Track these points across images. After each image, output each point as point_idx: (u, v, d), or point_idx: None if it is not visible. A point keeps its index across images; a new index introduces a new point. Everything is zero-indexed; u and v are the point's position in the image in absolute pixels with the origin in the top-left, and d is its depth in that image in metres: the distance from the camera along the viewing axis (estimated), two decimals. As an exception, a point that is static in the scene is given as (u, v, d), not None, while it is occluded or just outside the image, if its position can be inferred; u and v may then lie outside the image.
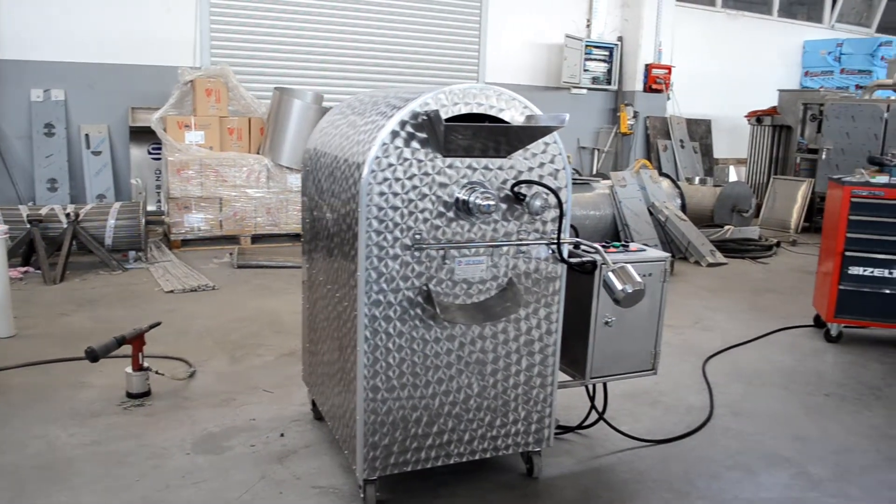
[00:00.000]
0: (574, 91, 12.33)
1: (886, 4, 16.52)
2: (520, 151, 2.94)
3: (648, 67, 12.50)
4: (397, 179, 2.78)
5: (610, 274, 2.99)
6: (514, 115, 2.93)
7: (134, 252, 7.49)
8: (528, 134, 2.86)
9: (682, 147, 12.75)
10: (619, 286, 2.95)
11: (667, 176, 9.45)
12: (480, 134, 2.79)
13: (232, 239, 8.49)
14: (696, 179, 11.10)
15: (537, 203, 2.91)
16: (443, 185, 2.86)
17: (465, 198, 2.86)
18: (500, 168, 2.94)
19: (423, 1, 10.95)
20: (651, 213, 8.47)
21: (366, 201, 2.74)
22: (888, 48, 14.06)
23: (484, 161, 2.91)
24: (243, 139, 8.80)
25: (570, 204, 3.10)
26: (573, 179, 8.42)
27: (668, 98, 12.82)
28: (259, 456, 3.58)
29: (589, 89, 12.36)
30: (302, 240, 3.85)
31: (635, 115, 12.42)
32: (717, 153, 13.58)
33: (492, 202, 2.82)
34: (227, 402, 4.19)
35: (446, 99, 2.82)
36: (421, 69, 11.01)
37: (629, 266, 3.00)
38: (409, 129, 2.77)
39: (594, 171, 12.13)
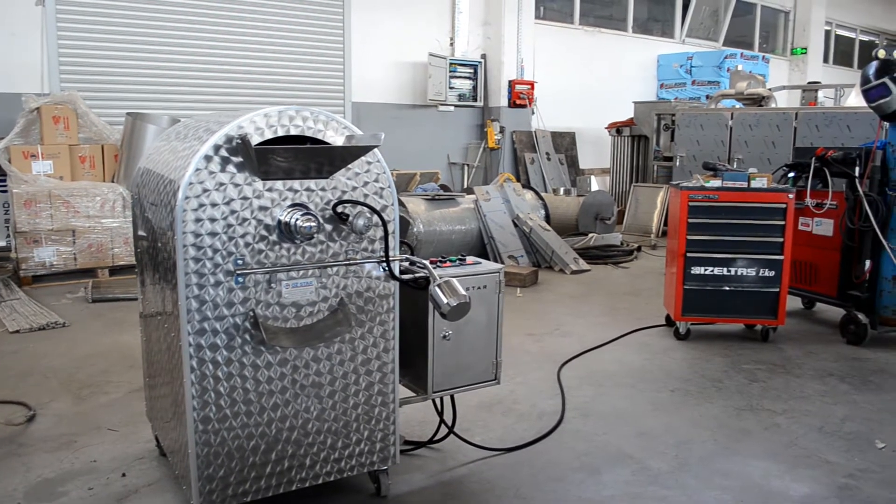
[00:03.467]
0: (441, 108, 12.52)
1: (731, 20, 17.65)
2: (342, 171, 2.95)
3: (512, 83, 12.85)
4: (214, 204, 2.73)
5: (435, 288, 3.04)
6: (334, 135, 2.94)
7: (-23, 292, 7.04)
8: (347, 153, 2.88)
9: (549, 159, 13.15)
10: (443, 300, 3.00)
11: (530, 188, 9.72)
12: (299, 156, 2.78)
13: (89, 272, 8.10)
14: (561, 190, 11.47)
15: (361, 222, 2.92)
16: (263, 209, 2.83)
17: (287, 220, 2.84)
18: (323, 189, 2.94)
19: (284, 22, 10.87)
20: (516, 225, 8.68)
21: (181, 228, 2.68)
22: (733, 60, 15.02)
23: (306, 182, 2.91)
24: (96, 167, 8.45)
25: (398, 221, 3.13)
26: (439, 195, 8.56)
27: (533, 112, 13.22)
28: (97, 499, 3.42)
29: (456, 106, 12.59)
30: (136, 270, 3.72)
31: (502, 130, 12.73)
32: (583, 164, 14.08)
33: (313, 223, 2.82)
34: (67, 445, 3.99)
35: (262, 122, 2.80)
36: (284, 91, 10.91)
37: (454, 280, 3.05)
38: (223, 153, 2.73)
39: (465, 186, 12.33)
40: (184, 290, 2.73)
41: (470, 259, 3.62)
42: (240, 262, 2.81)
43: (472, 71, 12.50)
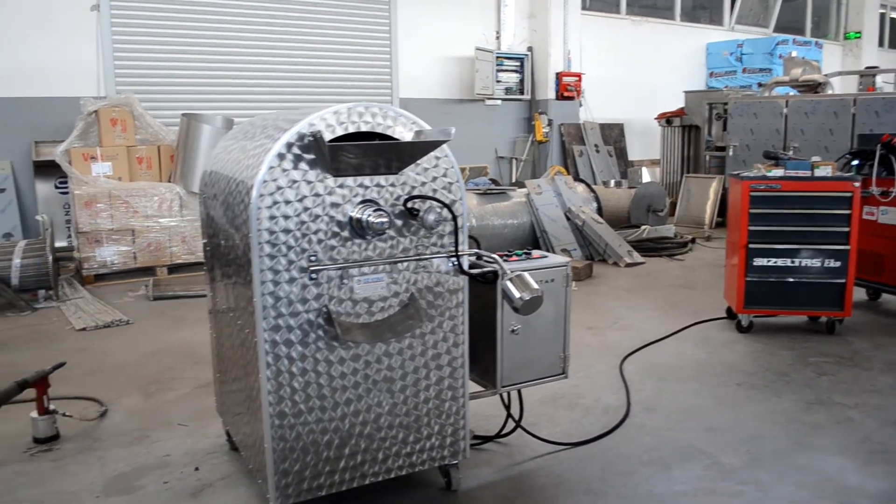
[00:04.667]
0: (488, 102, 12.48)
1: (781, 5, 17.26)
2: (411, 167, 2.96)
3: (559, 76, 12.75)
4: (287, 202, 2.76)
5: (507, 283, 3.02)
6: (403, 131, 2.94)
7: (43, 291, 7.23)
8: (416, 149, 2.88)
9: (597, 151, 13.03)
10: (516, 294, 2.98)
11: (582, 181, 9.63)
12: (369, 152, 2.79)
13: (148, 270, 8.27)
14: (612, 182, 11.35)
15: (431, 217, 2.92)
16: (335, 205, 2.85)
17: (359, 216, 2.85)
18: (392, 185, 2.95)
19: (333, 21, 10.93)
20: (568, 218, 8.61)
21: (256, 225, 2.71)
22: (785, 46, 14.69)
23: (376, 178, 2.92)
24: (153, 168, 8.61)
25: (466, 215, 3.13)
26: (490, 189, 8.53)
27: (581, 104, 13.10)
28: (173, 492, 3.49)
29: (503, 100, 12.54)
30: (205, 268, 3.78)
31: (550, 123, 12.64)
32: (632, 155, 13.92)
33: (384, 219, 2.83)
34: (139, 440, 4.07)
35: (333, 119, 2.82)
36: (334, 89, 10.98)
37: (526, 274, 3.03)
38: (296, 150, 2.75)
39: (513, 180, 12.28)
40: (259, 286, 2.76)
41: (536, 253, 3.60)
42: (313, 258, 2.83)
43: (518, 64, 12.43)
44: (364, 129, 2.85)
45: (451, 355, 3.21)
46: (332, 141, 2.77)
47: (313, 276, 2.84)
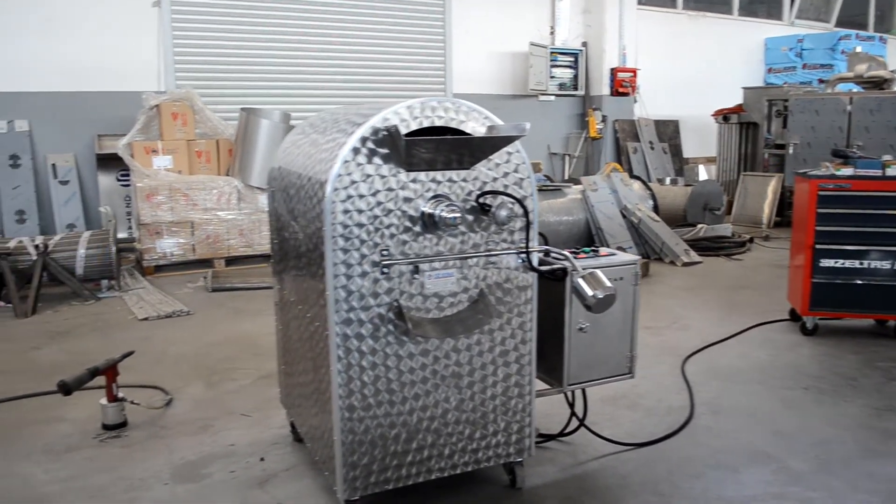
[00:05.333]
0: (542, 98, 12.39)
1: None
2: (483, 162, 2.94)
3: (614, 71, 12.60)
4: (361, 196, 2.76)
5: (579, 280, 2.99)
6: (475, 126, 2.93)
7: (106, 281, 7.40)
8: (489, 144, 2.86)
9: (652, 148, 12.85)
10: (589, 292, 2.95)
11: (637, 178, 9.51)
12: (442, 147, 2.78)
13: (206, 262, 8.41)
14: (667, 180, 11.19)
15: (503, 213, 2.91)
16: (408, 200, 2.85)
17: (431, 211, 2.85)
18: (464, 180, 2.94)
19: (387, 16, 10.96)
20: (624, 216, 8.52)
21: (330, 219, 2.72)
22: (847, 42, 14.28)
23: (448, 173, 2.91)
24: (212, 161, 8.74)
25: (537, 212, 3.10)
26: (545, 186, 8.47)
27: (636, 101, 12.93)
28: (239, 482, 3.53)
29: (556, 95, 12.44)
30: (271, 260, 3.82)
31: (604, 119, 12.50)
32: (687, 153, 13.70)
33: (457, 214, 2.82)
34: (204, 429, 4.14)
35: (406, 113, 2.81)
36: (388, 84, 11.01)
37: (598, 271, 3.00)
38: (370, 145, 2.75)
39: (566, 177, 12.18)
40: (332, 280, 2.77)
41: (604, 251, 3.56)
42: (385, 252, 2.83)
43: (572, 59, 12.32)
44: (438, 124, 2.85)
45: (518, 352, 3.19)
46: (405, 136, 2.77)
47: (385, 270, 2.84)
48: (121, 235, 8.68)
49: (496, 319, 3.09)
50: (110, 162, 9.01)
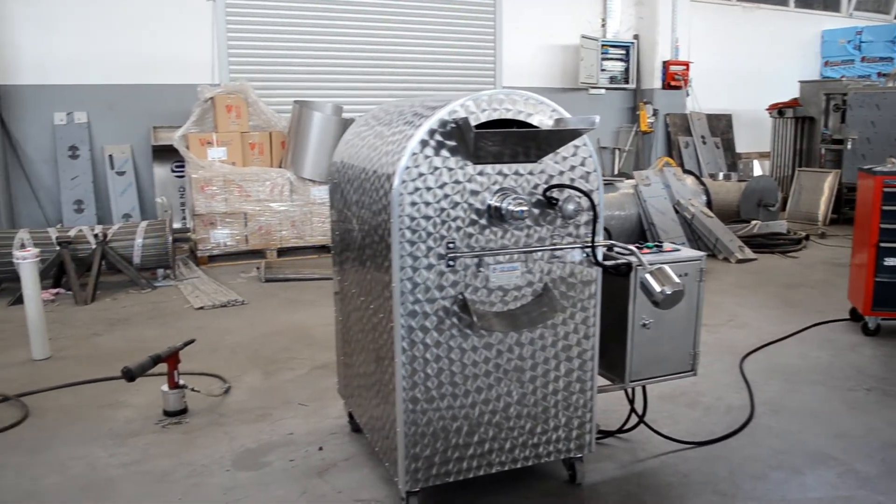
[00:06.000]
0: (592, 91, 12.28)
1: (905, -10, 16.32)
2: (550, 155, 2.92)
3: (666, 64, 12.43)
4: (428, 188, 2.76)
5: (647, 276, 2.95)
6: (543, 118, 2.90)
7: (162, 270, 7.55)
8: (557, 138, 2.84)
9: (704, 143, 12.65)
10: (657, 288, 2.91)
11: (690, 172, 9.37)
12: (510, 140, 2.77)
13: (258, 253, 8.53)
14: (720, 175, 10.99)
15: (570, 207, 2.88)
16: (474, 193, 2.84)
17: (498, 204, 2.83)
18: (530, 173, 2.92)
19: (438, 9, 10.95)
20: (677, 211, 8.40)
21: (398, 212, 2.73)
22: (909, 34, 13.88)
23: (514, 166, 2.89)
24: (265, 153, 8.84)
25: (603, 206, 3.07)
26: (596, 180, 8.38)
27: (688, 94, 12.74)
28: (299, 470, 3.57)
29: (607, 89, 12.31)
30: (332, 252, 3.84)
31: (655, 113, 12.34)
32: (739, 147, 13.45)
33: (525, 208, 2.80)
34: (263, 418, 4.19)
35: (474, 106, 2.80)
36: (438, 77, 11.02)
37: (667, 267, 2.95)
38: (437, 137, 2.75)
39: (616, 171, 12.06)
40: (398, 272, 2.78)
41: (668, 246, 3.51)
42: (451, 245, 2.83)
43: (624, 52, 12.18)
44: (506, 116, 2.83)
45: (581, 347, 3.17)
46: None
47: (451, 263, 2.84)
48: (175, 225, 8.84)
49: (560, 314, 3.07)
50: (165, 153, 9.17)
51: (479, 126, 2.79)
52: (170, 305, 6.65)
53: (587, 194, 2.95)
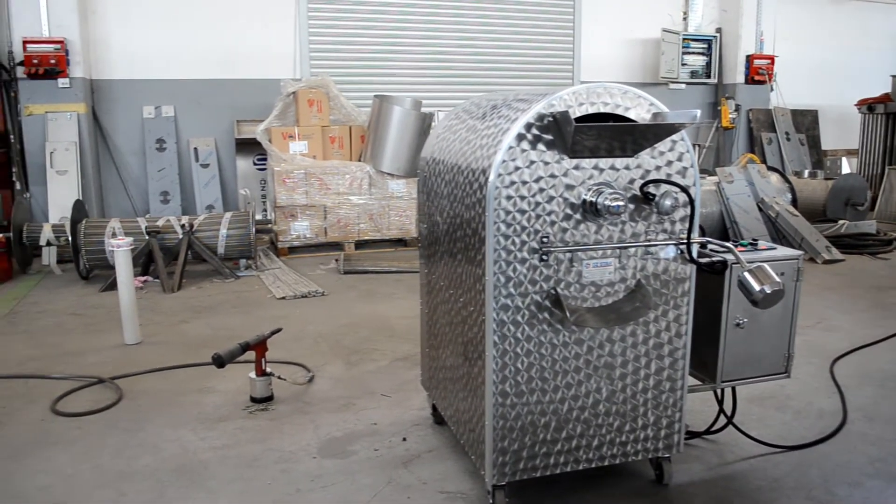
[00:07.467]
0: (672, 86, 12.04)
1: None
2: (646, 150, 2.87)
3: (750, 58, 12.08)
4: (524, 182, 2.76)
5: (746, 274, 2.88)
6: (641, 112, 2.86)
7: (244, 260, 7.73)
8: (655, 132, 2.79)
9: (788, 139, 12.27)
10: (756, 287, 2.84)
11: (775, 170, 9.11)
12: (607, 134, 2.74)
13: (336, 245, 8.66)
14: (806, 173, 10.65)
15: (668, 202, 2.83)
16: (569, 187, 2.82)
17: (593, 199, 2.81)
18: (626, 168, 2.88)
19: (516, 4, 10.90)
20: (760, 209, 8.18)
21: (493, 206, 2.73)
22: None
23: (610, 161, 2.86)
24: (344, 147, 8.97)
25: (699, 202, 3.01)
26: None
27: (772, 89, 12.38)
28: (384, 460, 3.62)
29: (687, 83, 12.06)
30: (420, 245, 3.87)
31: (737, 108, 12.03)
32: (825, 144, 13.01)
33: (621, 203, 2.76)
34: (347, 407, 4.26)
35: (571, 99, 2.78)
36: (516, 72, 10.98)
37: (766, 265, 2.88)
38: (534, 131, 2.74)
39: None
40: (492, 266, 2.78)
41: (763, 244, 3.42)
42: (545, 240, 2.82)
43: (705, 46, 11.91)
44: (604, 110, 2.80)
45: (672, 346, 3.12)
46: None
47: (544, 257, 2.83)
48: (256, 217, 9.04)
49: (652, 311, 3.02)
50: (248, 146, 9.41)
51: (576, 120, 2.77)
52: (252, 295, 6.82)
53: (685, 189, 2.89)
